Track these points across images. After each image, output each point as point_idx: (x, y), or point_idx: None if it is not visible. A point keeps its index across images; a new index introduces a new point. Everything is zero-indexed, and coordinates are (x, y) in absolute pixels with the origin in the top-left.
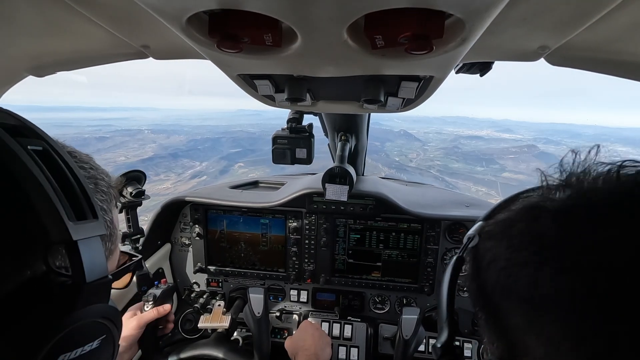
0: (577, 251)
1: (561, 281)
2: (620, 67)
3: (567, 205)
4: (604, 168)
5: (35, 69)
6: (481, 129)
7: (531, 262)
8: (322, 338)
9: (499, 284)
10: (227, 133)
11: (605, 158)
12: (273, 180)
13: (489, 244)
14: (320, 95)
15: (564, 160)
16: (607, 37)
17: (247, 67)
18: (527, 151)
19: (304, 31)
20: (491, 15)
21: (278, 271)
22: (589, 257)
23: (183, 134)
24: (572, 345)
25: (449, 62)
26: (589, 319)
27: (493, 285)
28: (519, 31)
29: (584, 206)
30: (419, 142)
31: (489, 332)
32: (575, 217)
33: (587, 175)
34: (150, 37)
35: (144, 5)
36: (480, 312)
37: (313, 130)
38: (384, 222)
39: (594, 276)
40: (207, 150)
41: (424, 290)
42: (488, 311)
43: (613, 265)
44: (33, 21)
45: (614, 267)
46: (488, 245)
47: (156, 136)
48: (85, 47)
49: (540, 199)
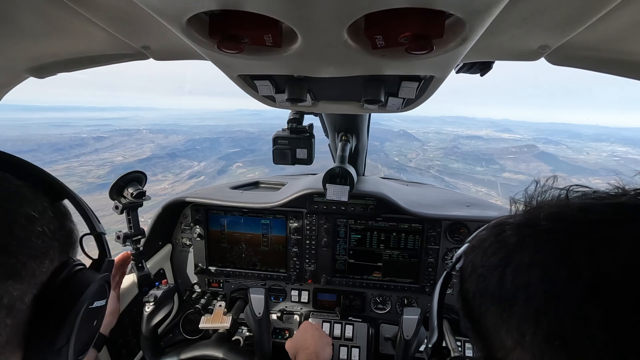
0: (531, 252)
1: (520, 277)
2: (620, 66)
3: (524, 219)
4: (558, 192)
5: (35, 70)
6: (480, 129)
7: (499, 265)
8: (322, 338)
9: (478, 289)
10: (226, 133)
11: (561, 185)
12: (274, 181)
13: (469, 257)
14: (321, 95)
15: (529, 189)
16: (608, 36)
17: (248, 68)
18: (527, 151)
19: (304, 31)
20: (491, 15)
21: (279, 271)
22: (540, 256)
23: (182, 134)
24: (534, 331)
25: (449, 62)
26: (543, 307)
27: (473, 292)
28: (519, 31)
29: (535, 219)
30: (418, 142)
31: (474, 338)
32: (528, 227)
33: (543, 197)
34: (150, 38)
35: (144, 7)
36: (466, 320)
37: (313, 130)
38: (385, 222)
39: (545, 271)
40: (205, 150)
41: (425, 290)
42: (471, 317)
43: (554, 262)
44: (33, 22)
45: (554, 263)
46: (469, 259)
47: (154, 136)
48: (86, 48)
49: (506, 217)
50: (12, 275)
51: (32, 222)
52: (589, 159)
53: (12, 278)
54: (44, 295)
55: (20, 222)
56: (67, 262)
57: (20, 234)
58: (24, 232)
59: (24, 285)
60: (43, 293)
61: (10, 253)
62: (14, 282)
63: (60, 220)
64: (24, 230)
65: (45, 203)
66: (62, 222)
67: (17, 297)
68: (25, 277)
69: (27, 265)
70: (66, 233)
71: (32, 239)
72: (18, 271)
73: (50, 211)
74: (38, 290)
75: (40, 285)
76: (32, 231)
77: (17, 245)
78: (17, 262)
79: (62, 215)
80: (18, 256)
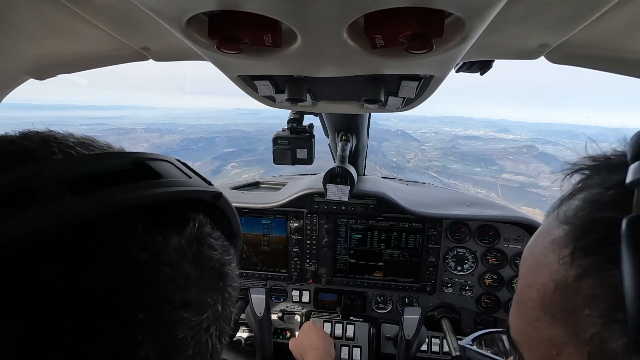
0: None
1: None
2: (621, 64)
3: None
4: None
5: (35, 72)
6: (478, 129)
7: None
8: (326, 338)
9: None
10: (222, 132)
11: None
12: (274, 181)
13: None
14: (321, 95)
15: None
16: (608, 34)
17: (247, 68)
18: (526, 152)
19: (304, 31)
20: (491, 13)
21: (280, 272)
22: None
23: (177, 133)
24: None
25: (449, 61)
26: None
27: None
28: (519, 29)
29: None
30: (416, 142)
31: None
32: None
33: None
34: (150, 38)
35: (144, 7)
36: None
37: (313, 130)
38: (386, 222)
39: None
40: (200, 150)
41: (426, 289)
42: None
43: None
44: (33, 24)
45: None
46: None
47: (149, 135)
48: (86, 49)
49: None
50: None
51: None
52: None
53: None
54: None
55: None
56: None
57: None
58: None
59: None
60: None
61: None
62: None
63: None
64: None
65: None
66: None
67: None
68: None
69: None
70: None
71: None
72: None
73: None
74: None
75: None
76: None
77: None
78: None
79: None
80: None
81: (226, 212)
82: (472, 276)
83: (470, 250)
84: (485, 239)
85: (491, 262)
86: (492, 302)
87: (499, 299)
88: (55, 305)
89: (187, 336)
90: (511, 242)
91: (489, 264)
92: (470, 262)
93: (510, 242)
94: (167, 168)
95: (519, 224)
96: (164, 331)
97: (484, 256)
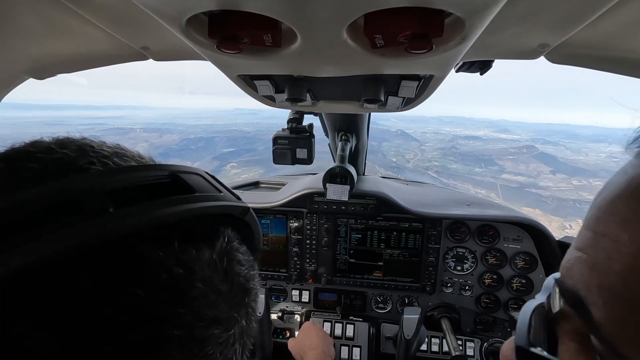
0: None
1: None
2: (621, 64)
3: None
4: None
5: (35, 71)
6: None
7: None
8: (326, 337)
9: None
10: (222, 132)
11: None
12: (274, 181)
13: None
14: (321, 95)
15: None
16: (608, 33)
17: (247, 68)
18: (526, 152)
19: (304, 31)
20: (491, 13)
21: (280, 271)
22: None
23: (177, 133)
24: None
25: (448, 61)
26: None
27: None
28: (519, 29)
29: None
30: (416, 142)
31: None
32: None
33: None
34: (149, 38)
35: (144, 7)
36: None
37: (313, 130)
38: (385, 222)
39: None
40: (199, 150)
41: (426, 289)
42: None
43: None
44: (32, 23)
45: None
46: None
47: (148, 135)
48: (85, 49)
49: None
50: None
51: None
52: (589, 160)
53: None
54: None
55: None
56: None
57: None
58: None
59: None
60: None
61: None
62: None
63: None
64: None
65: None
66: None
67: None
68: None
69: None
70: None
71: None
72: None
73: None
74: None
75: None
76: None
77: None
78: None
79: None
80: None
81: (251, 227)
82: (472, 276)
83: (470, 250)
84: (485, 238)
85: (491, 262)
86: (491, 302)
87: (498, 298)
88: (94, 319)
89: (215, 352)
90: (511, 242)
91: (489, 263)
92: (470, 262)
93: (510, 242)
94: (199, 182)
95: (518, 224)
96: (196, 347)
97: (483, 256)
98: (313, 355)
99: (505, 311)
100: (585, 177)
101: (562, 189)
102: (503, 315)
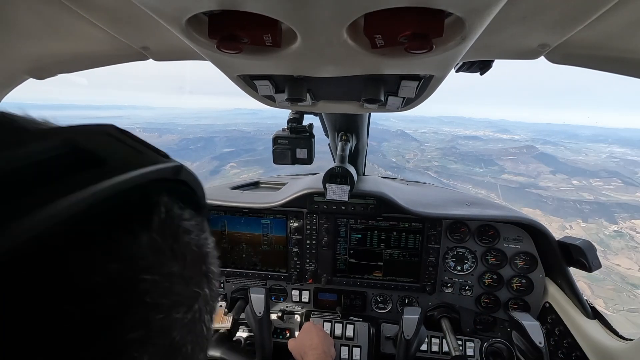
0: None
1: None
2: (620, 64)
3: None
4: None
5: (35, 71)
6: (478, 129)
7: None
8: (326, 338)
9: None
10: (221, 132)
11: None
12: (274, 181)
13: None
14: (321, 95)
15: None
16: (608, 34)
17: (247, 68)
18: (526, 152)
19: (304, 31)
20: (491, 13)
21: (279, 271)
22: None
23: (176, 133)
24: None
25: (448, 61)
26: None
27: None
28: (519, 29)
29: None
30: (416, 142)
31: None
32: None
33: None
34: (150, 38)
35: (144, 7)
36: None
37: (313, 130)
38: (385, 222)
39: None
40: (199, 150)
41: (426, 289)
42: None
43: None
44: (33, 23)
45: None
46: None
47: (148, 135)
48: (86, 49)
49: None
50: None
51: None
52: (589, 160)
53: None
54: None
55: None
56: None
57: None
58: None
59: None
60: None
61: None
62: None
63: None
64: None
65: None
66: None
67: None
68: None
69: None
70: None
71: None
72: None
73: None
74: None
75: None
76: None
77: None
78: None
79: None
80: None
81: (190, 183)
82: (472, 276)
83: (470, 250)
84: (485, 238)
85: (491, 262)
86: (491, 302)
87: (498, 298)
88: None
89: (183, 333)
90: (511, 242)
91: (489, 263)
92: (470, 262)
93: (510, 242)
94: (109, 145)
95: (518, 224)
96: (159, 339)
97: (483, 256)
98: (313, 356)
99: (505, 311)
100: (585, 177)
101: (562, 189)
102: (503, 315)
